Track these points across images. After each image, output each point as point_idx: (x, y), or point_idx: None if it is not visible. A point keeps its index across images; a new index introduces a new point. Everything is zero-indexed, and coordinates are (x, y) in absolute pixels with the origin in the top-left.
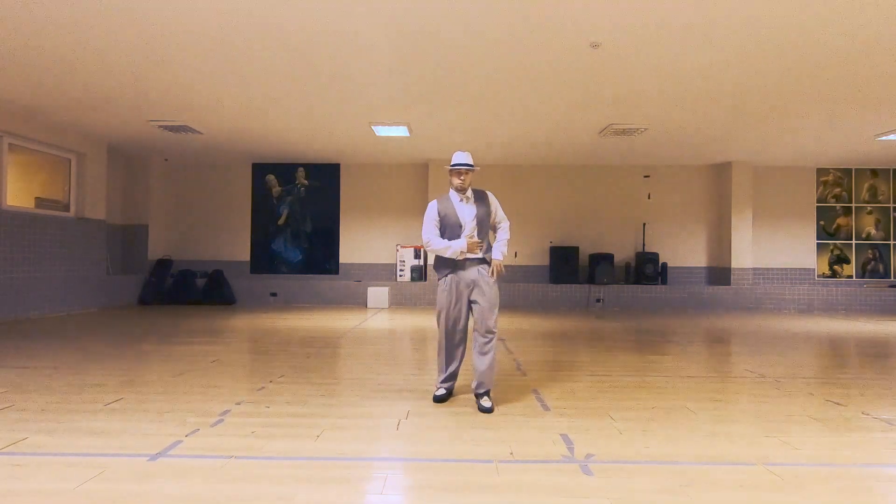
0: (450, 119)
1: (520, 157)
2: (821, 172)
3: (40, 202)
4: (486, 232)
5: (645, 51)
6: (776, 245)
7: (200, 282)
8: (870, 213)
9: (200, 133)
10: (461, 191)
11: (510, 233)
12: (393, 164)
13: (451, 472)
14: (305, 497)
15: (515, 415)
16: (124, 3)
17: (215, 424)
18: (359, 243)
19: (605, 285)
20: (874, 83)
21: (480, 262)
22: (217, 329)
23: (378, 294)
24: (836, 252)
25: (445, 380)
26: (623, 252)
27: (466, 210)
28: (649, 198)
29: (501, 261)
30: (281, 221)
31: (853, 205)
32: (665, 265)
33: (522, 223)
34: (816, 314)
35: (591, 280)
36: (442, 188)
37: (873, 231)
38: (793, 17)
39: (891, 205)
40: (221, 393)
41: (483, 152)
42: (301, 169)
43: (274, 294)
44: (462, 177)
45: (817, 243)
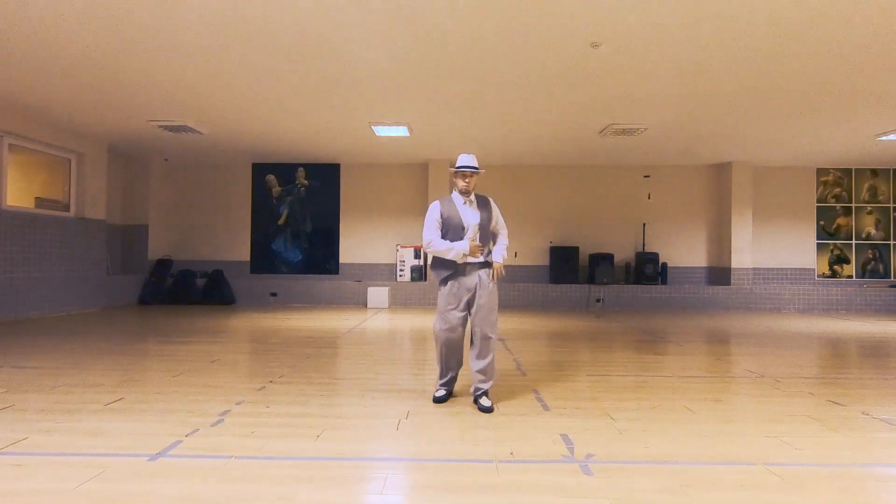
0: (450, 119)
1: (520, 157)
2: (821, 172)
3: (40, 202)
4: (489, 238)
5: (645, 51)
6: (776, 245)
7: (200, 282)
8: (870, 213)
9: (200, 133)
10: (465, 193)
11: (507, 239)
12: (393, 164)
13: (451, 472)
14: (305, 497)
15: (515, 415)
16: (125, 4)
17: (215, 424)
18: (359, 243)
19: (605, 285)
20: (874, 83)
21: (482, 266)
22: (217, 329)
23: (378, 294)
24: (836, 252)
25: (445, 382)
26: (623, 252)
27: (470, 213)
28: (649, 198)
29: (502, 263)
30: (281, 221)
31: (853, 205)
32: (665, 265)
33: (522, 223)
34: (816, 314)
35: (591, 280)
36: (442, 188)
37: (873, 231)
38: (793, 17)
39: (891, 205)
40: (221, 393)
41: (483, 152)
42: (301, 169)
43: (274, 294)
44: (467, 179)
45: (817, 243)
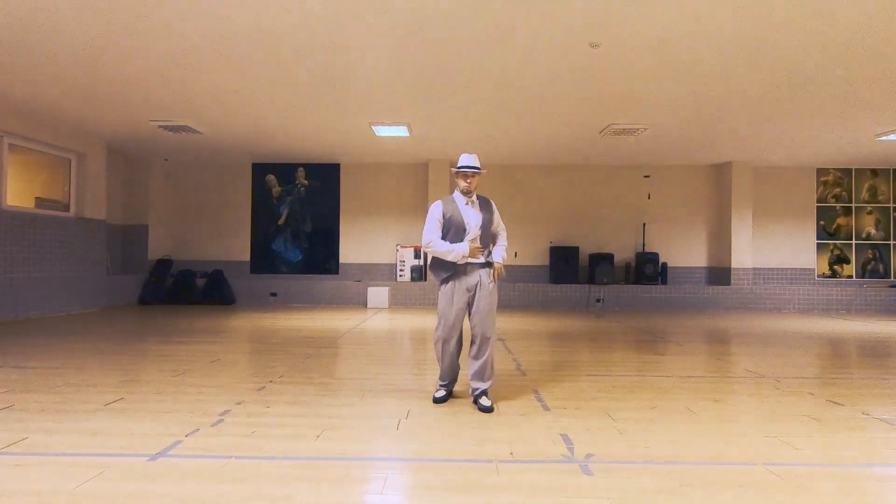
0: (450, 119)
1: (520, 157)
2: (821, 172)
3: (40, 202)
4: (489, 239)
5: (645, 51)
6: (776, 245)
7: (200, 282)
8: (870, 213)
9: (200, 133)
10: (467, 194)
11: (506, 241)
12: (393, 164)
13: (451, 472)
14: (305, 497)
15: (515, 415)
16: (125, 4)
17: (215, 424)
18: (359, 243)
19: (605, 285)
20: (874, 83)
21: (482, 267)
22: (217, 329)
23: (378, 294)
24: (836, 252)
25: (445, 383)
26: (623, 252)
27: (472, 214)
28: (649, 198)
29: (502, 264)
30: (281, 221)
31: (853, 205)
32: (665, 265)
33: (522, 223)
34: (816, 314)
35: (591, 280)
36: (442, 188)
37: (873, 231)
38: (793, 17)
39: (891, 205)
40: (221, 393)
41: (483, 152)
42: (301, 169)
43: (274, 294)
44: (468, 179)
45: (817, 243)
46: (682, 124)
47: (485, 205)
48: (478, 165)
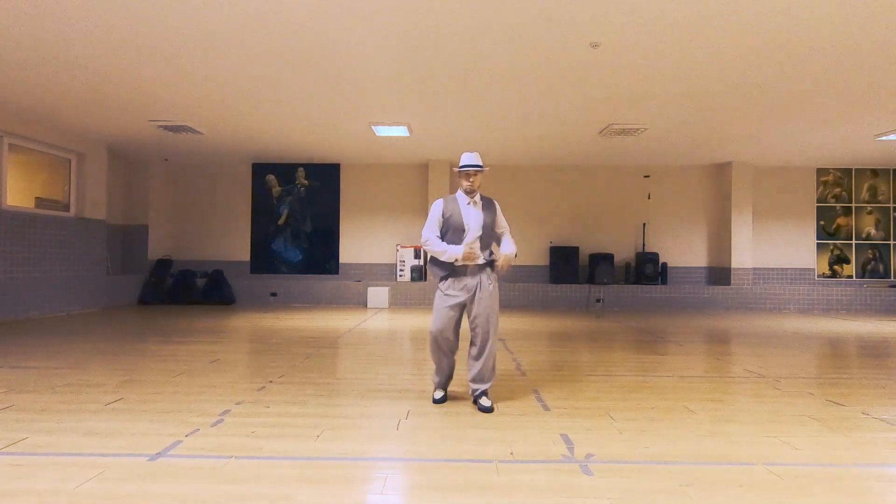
0: (450, 119)
1: (520, 157)
2: (821, 172)
3: (40, 202)
4: (490, 240)
5: (645, 50)
6: (776, 245)
7: (200, 282)
8: (870, 213)
9: (200, 133)
10: (470, 193)
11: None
12: (393, 164)
13: (451, 472)
14: (305, 497)
15: (515, 415)
16: (125, 4)
17: (215, 424)
18: (359, 243)
19: (605, 285)
20: (874, 83)
21: (483, 269)
22: (217, 329)
23: (378, 294)
24: (836, 252)
25: (440, 381)
26: (623, 252)
27: (473, 214)
28: (649, 198)
29: (511, 255)
30: (281, 221)
31: (853, 205)
32: (665, 265)
33: (522, 223)
34: (816, 314)
35: (591, 280)
36: (442, 188)
37: (873, 231)
38: (793, 17)
39: (891, 205)
40: (221, 393)
41: (483, 152)
42: (301, 169)
43: (274, 294)
44: (471, 178)
45: (817, 243)
46: (682, 124)
47: (488, 205)
48: (480, 163)
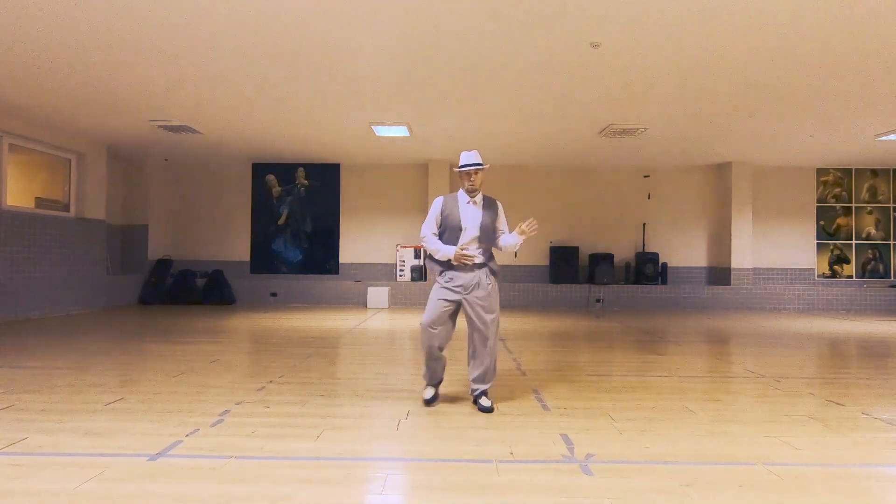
0: (450, 119)
1: (520, 157)
2: (821, 172)
3: (40, 202)
4: (490, 242)
5: (645, 50)
6: (776, 245)
7: (200, 282)
8: (870, 213)
9: (200, 133)
10: (471, 192)
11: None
12: (393, 164)
13: (451, 472)
14: (305, 497)
15: (515, 415)
16: (125, 4)
17: (215, 424)
18: (359, 243)
19: (605, 285)
20: (874, 83)
21: (481, 268)
22: (217, 329)
23: (378, 294)
24: (836, 252)
25: (431, 382)
26: (623, 252)
27: (471, 213)
28: (649, 198)
29: (517, 242)
30: (281, 221)
31: (853, 205)
32: (665, 265)
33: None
34: (816, 314)
35: (591, 280)
36: (442, 188)
37: (873, 231)
38: (793, 17)
39: (891, 205)
40: (221, 393)
41: (483, 152)
42: (301, 169)
43: (274, 294)
44: (472, 178)
45: (817, 243)
46: (682, 124)
47: (489, 205)
48: (479, 161)
